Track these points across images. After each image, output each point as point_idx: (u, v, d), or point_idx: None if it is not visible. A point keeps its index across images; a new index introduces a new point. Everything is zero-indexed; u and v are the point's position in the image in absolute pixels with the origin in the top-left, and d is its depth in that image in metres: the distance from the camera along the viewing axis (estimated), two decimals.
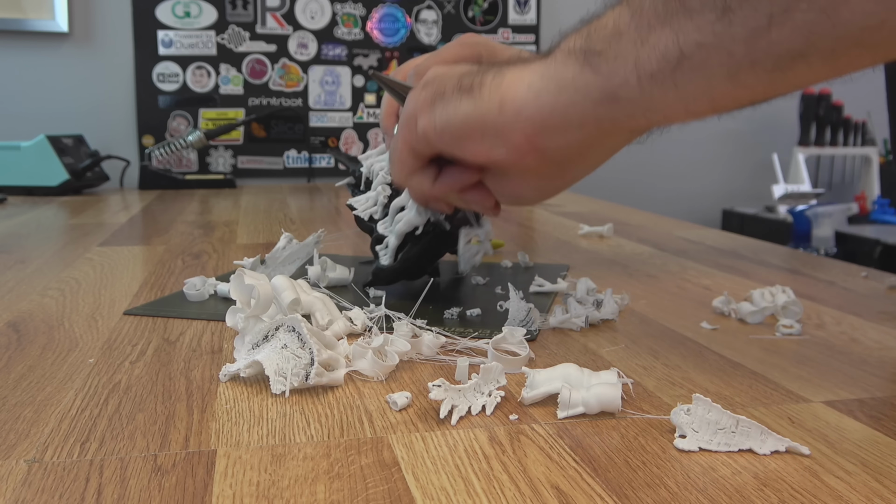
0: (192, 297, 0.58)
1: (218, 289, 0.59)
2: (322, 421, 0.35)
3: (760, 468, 0.30)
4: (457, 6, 1.86)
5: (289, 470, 0.30)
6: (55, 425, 0.35)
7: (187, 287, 0.58)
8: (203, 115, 1.75)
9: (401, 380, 0.41)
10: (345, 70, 1.82)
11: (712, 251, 0.82)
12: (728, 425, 0.32)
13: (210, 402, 0.37)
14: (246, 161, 1.79)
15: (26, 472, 0.30)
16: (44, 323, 0.52)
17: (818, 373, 0.42)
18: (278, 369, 0.39)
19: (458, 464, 0.31)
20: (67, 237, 0.93)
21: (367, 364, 0.41)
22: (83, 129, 1.69)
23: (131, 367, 0.43)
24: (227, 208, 1.25)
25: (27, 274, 0.69)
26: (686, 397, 0.38)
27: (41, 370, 0.42)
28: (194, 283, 0.58)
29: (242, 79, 1.76)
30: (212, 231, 0.98)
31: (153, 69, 1.72)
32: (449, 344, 0.45)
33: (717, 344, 0.48)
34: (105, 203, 1.33)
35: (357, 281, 0.64)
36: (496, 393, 0.37)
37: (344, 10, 1.81)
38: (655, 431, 0.34)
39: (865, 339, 0.49)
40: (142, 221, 1.09)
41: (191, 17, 1.73)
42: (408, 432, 0.34)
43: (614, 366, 0.42)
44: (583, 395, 0.36)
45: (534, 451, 0.32)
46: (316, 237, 0.66)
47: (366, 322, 0.49)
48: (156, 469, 0.30)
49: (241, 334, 0.43)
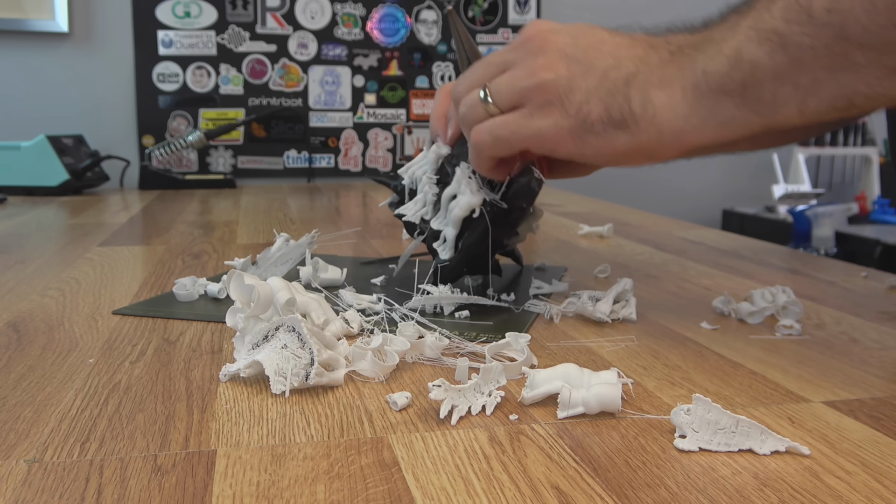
0: (182, 297, 0.58)
1: (208, 289, 0.59)
2: (322, 421, 0.35)
3: (760, 468, 0.30)
4: (457, 6, 1.86)
5: (289, 470, 0.30)
6: (55, 425, 0.35)
7: (177, 287, 0.58)
8: (203, 115, 1.75)
9: (401, 380, 0.41)
10: (345, 70, 1.82)
11: (712, 251, 0.82)
12: (728, 425, 0.32)
13: (210, 402, 0.37)
14: (246, 161, 1.79)
15: (26, 472, 0.30)
16: (44, 323, 0.52)
17: (818, 373, 0.42)
18: (278, 369, 0.39)
19: (458, 464, 0.31)
20: (67, 237, 0.93)
21: (366, 365, 0.41)
22: (83, 129, 1.69)
23: (131, 368, 0.43)
24: (227, 208, 1.25)
25: (27, 274, 0.69)
26: (686, 397, 0.38)
27: (41, 370, 0.42)
28: (184, 283, 0.58)
29: (242, 79, 1.76)
30: (212, 231, 0.98)
31: (153, 69, 1.72)
32: (455, 347, 0.45)
33: (717, 344, 0.48)
34: (105, 203, 1.33)
35: (355, 281, 0.64)
36: (496, 393, 0.37)
37: (344, 10, 1.81)
38: (655, 431, 0.34)
39: (865, 339, 0.49)
40: (142, 221, 1.09)
41: (191, 17, 1.73)
42: (408, 432, 0.34)
43: (614, 366, 0.42)
44: (583, 395, 0.36)
45: (534, 451, 0.32)
46: (309, 238, 0.65)
47: (362, 323, 0.50)
48: (156, 469, 0.30)
49: (241, 334, 0.43)
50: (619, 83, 0.44)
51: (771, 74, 0.40)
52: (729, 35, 0.42)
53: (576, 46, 0.46)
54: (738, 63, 0.40)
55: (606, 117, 0.44)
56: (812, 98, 0.39)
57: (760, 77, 0.40)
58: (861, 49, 0.37)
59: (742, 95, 0.41)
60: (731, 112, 0.42)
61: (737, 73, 0.41)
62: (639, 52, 0.45)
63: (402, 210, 0.59)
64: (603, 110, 0.44)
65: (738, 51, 0.40)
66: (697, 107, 0.42)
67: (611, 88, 0.45)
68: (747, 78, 0.40)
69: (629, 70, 0.44)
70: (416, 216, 0.58)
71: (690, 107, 0.42)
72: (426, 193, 0.57)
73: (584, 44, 0.46)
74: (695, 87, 0.42)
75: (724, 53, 0.41)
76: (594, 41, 0.46)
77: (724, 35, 0.42)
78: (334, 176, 1.84)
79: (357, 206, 1.29)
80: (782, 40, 0.39)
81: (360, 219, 1.11)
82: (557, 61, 0.46)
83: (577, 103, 0.45)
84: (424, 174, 0.58)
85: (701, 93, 0.42)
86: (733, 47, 0.41)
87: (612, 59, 0.45)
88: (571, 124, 0.46)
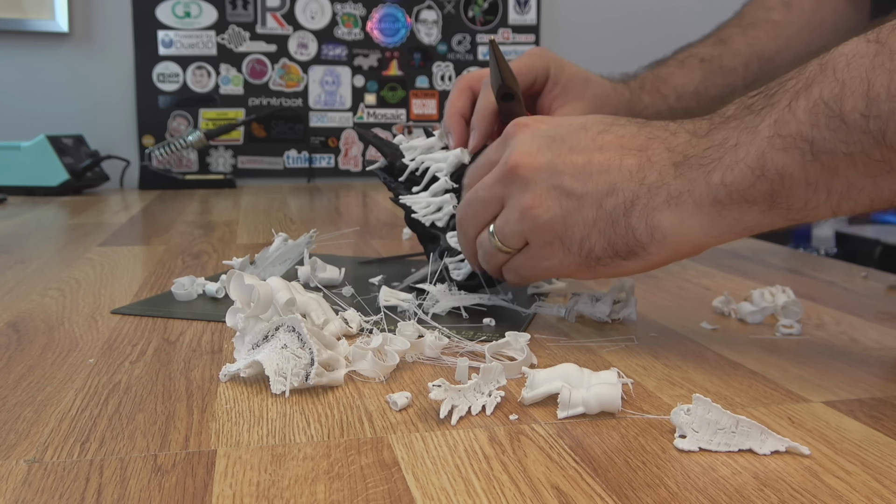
0: (181, 296, 0.58)
1: (206, 288, 0.59)
2: (322, 421, 0.35)
3: (760, 468, 0.30)
4: (457, 6, 1.86)
5: (289, 470, 0.30)
6: (55, 425, 0.35)
7: (175, 287, 0.58)
8: (203, 115, 1.75)
9: (401, 380, 0.41)
10: (345, 70, 1.82)
11: (712, 251, 0.82)
12: (728, 425, 0.32)
13: (210, 402, 0.37)
14: (246, 161, 1.79)
15: (26, 472, 0.30)
16: (44, 323, 0.52)
17: (818, 373, 0.42)
18: (278, 369, 0.39)
19: (458, 464, 0.31)
20: (67, 237, 0.93)
21: (367, 365, 0.41)
22: (83, 129, 1.69)
23: (131, 367, 0.43)
24: (228, 208, 1.25)
25: (27, 274, 0.69)
26: (686, 397, 0.38)
27: (41, 370, 0.42)
28: (183, 282, 0.58)
29: (242, 79, 1.76)
30: (212, 231, 0.98)
31: (153, 69, 1.72)
32: (454, 346, 0.45)
33: (717, 344, 0.48)
34: (105, 203, 1.33)
35: (354, 282, 0.64)
36: (496, 393, 0.37)
37: (344, 10, 1.81)
38: (655, 431, 0.34)
39: (865, 339, 0.49)
40: (142, 221, 1.09)
41: (191, 17, 1.73)
42: (408, 432, 0.34)
43: (614, 366, 0.42)
44: (583, 395, 0.36)
45: (534, 451, 0.32)
46: (307, 238, 0.65)
47: (361, 323, 0.50)
48: (156, 469, 0.30)
49: (241, 334, 0.43)
50: (617, 213, 0.42)
51: (802, 183, 0.37)
52: (747, 139, 0.38)
53: (562, 174, 0.43)
54: (764, 173, 0.37)
55: (612, 251, 0.42)
56: (847, 201, 0.37)
57: (790, 186, 0.37)
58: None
59: (770, 203, 0.38)
60: (757, 219, 0.39)
61: (763, 184, 0.38)
62: (633, 166, 0.42)
63: (412, 203, 0.57)
64: (606, 244, 0.42)
65: (762, 159, 0.37)
66: (719, 219, 0.40)
67: (610, 220, 0.42)
68: (776, 188, 0.38)
69: (626, 196, 0.41)
70: (427, 219, 0.56)
71: (710, 220, 0.40)
72: (446, 202, 0.56)
73: (571, 169, 0.43)
74: (714, 201, 0.39)
75: (745, 163, 0.38)
76: (581, 163, 0.43)
77: (740, 139, 0.39)
78: (334, 176, 1.84)
79: (357, 206, 1.29)
80: (813, 148, 0.36)
81: (360, 219, 1.11)
82: (547, 198, 0.43)
83: (577, 240, 0.43)
84: (440, 173, 0.57)
85: (722, 205, 0.39)
86: (756, 155, 0.38)
87: (605, 184, 0.42)
88: (577, 261, 0.43)
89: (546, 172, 0.43)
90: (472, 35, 1.87)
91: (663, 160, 0.41)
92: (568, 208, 0.43)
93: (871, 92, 0.34)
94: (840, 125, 0.35)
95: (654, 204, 0.41)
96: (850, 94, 0.35)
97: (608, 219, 0.42)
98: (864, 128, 0.35)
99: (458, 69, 1.87)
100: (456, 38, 1.87)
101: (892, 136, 0.34)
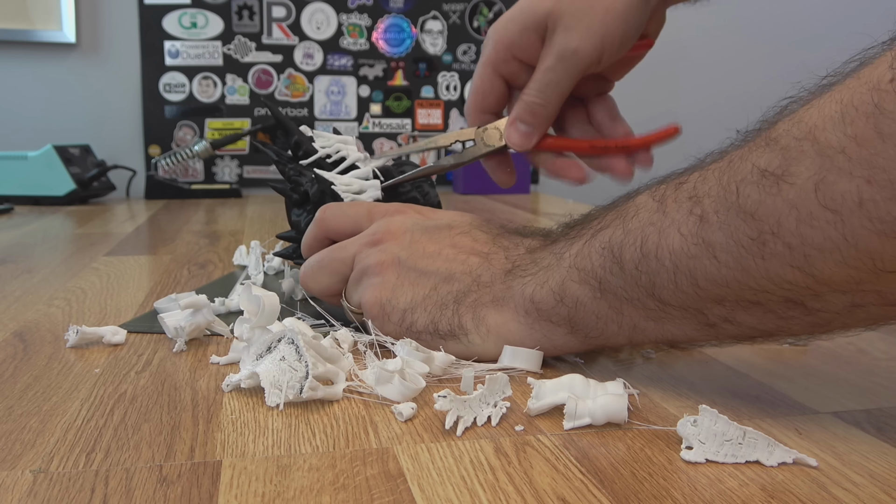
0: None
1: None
2: (327, 431, 0.35)
3: (768, 480, 0.30)
4: (462, 16, 1.87)
5: (294, 481, 0.30)
6: (61, 435, 0.35)
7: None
8: (209, 125, 1.76)
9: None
10: (350, 80, 1.83)
11: None
12: (735, 437, 0.32)
13: (215, 413, 0.37)
14: (252, 171, 1.79)
15: (32, 483, 0.30)
16: (50, 333, 0.52)
17: (825, 383, 0.42)
18: (274, 381, 0.38)
19: (464, 475, 0.31)
20: (74, 247, 0.93)
21: (394, 389, 0.39)
22: (90, 138, 1.70)
23: (137, 378, 0.43)
24: (233, 218, 1.25)
25: (33, 283, 0.69)
26: (692, 408, 0.38)
27: (47, 380, 0.42)
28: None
29: (248, 89, 1.77)
30: (218, 240, 0.98)
31: (160, 79, 1.73)
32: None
33: (724, 355, 0.48)
34: (111, 213, 1.34)
35: None
36: (502, 404, 0.37)
37: (349, 20, 1.81)
38: (662, 443, 0.34)
39: (873, 350, 0.49)
40: (148, 231, 1.09)
41: (197, 27, 1.74)
42: (413, 443, 0.34)
43: (620, 376, 0.42)
44: (589, 406, 0.36)
45: (539, 462, 0.32)
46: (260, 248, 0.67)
47: (352, 343, 0.47)
48: (161, 480, 0.30)
49: (248, 345, 0.43)
50: (448, 299, 0.44)
51: (594, 316, 0.40)
52: (555, 264, 0.41)
53: (413, 253, 0.46)
54: (562, 299, 0.40)
55: (433, 328, 0.44)
56: (637, 336, 0.39)
57: (584, 316, 0.40)
58: (673, 308, 0.37)
59: (570, 327, 0.41)
60: (564, 339, 0.42)
61: (562, 308, 0.41)
62: (474, 265, 0.45)
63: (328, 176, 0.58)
64: (429, 321, 0.44)
65: (563, 286, 0.40)
66: (531, 330, 0.42)
67: (440, 302, 0.44)
68: (573, 314, 0.40)
69: (461, 287, 0.44)
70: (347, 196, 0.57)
71: (525, 329, 0.42)
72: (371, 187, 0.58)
73: (421, 251, 0.46)
74: (526, 314, 0.42)
75: (549, 286, 0.41)
76: (432, 250, 0.46)
77: (551, 262, 0.42)
78: None
79: None
80: (601, 286, 0.39)
81: None
82: (390, 264, 0.46)
83: (400, 310, 0.45)
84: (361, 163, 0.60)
85: (533, 319, 0.42)
86: (558, 281, 0.41)
87: (445, 271, 0.45)
88: (397, 330, 0.45)
89: (400, 246, 0.47)
90: (478, 45, 1.87)
91: (499, 265, 0.44)
92: (403, 279, 0.46)
93: (644, 248, 0.37)
94: (620, 272, 0.38)
95: (483, 300, 0.44)
96: (629, 245, 0.37)
97: (438, 300, 0.44)
98: (637, 280, 0.37)
99: (464, 79, 1.88)
100: (461, 49, 1.87)
101: (660, 291, 0.36)
